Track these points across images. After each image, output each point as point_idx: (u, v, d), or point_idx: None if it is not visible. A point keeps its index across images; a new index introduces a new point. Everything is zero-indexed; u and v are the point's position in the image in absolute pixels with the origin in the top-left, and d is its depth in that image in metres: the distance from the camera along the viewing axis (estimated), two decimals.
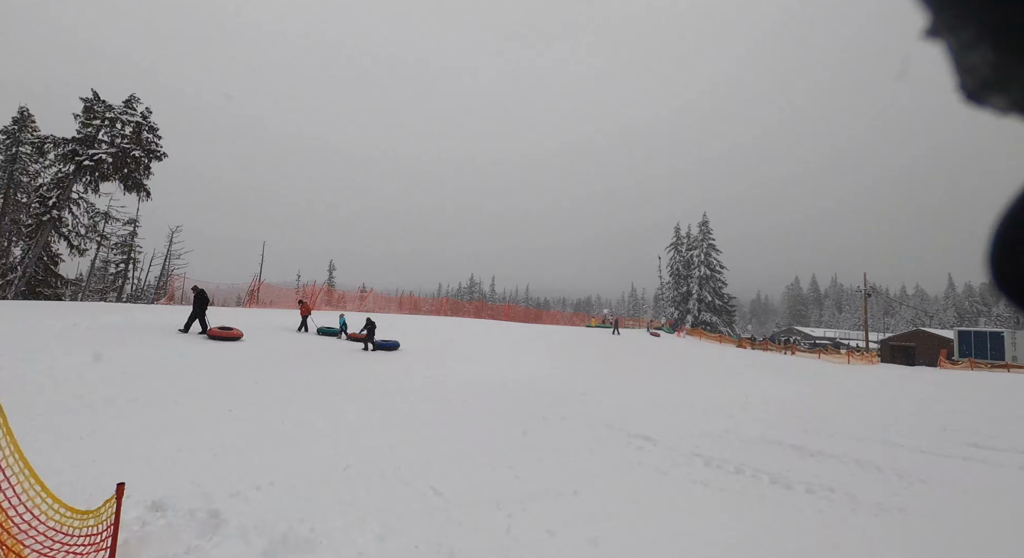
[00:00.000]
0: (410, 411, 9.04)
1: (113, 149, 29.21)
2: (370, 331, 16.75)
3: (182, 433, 6.60)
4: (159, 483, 4.64)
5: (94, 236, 33.21)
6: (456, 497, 4.96)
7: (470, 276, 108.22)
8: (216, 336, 14.85)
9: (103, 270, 43.92)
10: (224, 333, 14.96)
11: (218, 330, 15.02)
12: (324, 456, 6.08)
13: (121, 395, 8.41)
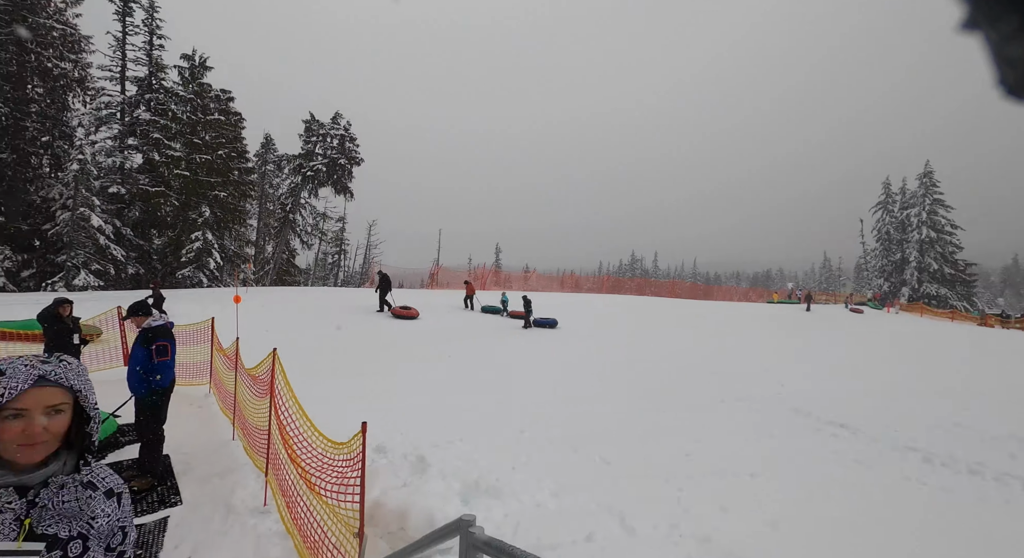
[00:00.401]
0: (572, 384, 9.40)
1: (326, 160, 35.31)
2: (527, 309, 17.52)
3: (386, 395, 7.96)
4: (378, 434, 5.72)
5: (316, 233, 40.75)
6: (624, 467, 5.12)
7: (631, 253, 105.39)
8: (398, 314, 17.16)
9: (323, 260, 53.62)
10: (404, 312, 17.20)
11: (400, 309, 17.32)
12: (501, 421, 6.76)
13: (335, 363, 10.42)
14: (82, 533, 1.08)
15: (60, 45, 27.06)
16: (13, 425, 0.99)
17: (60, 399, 1.04)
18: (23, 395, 1.00)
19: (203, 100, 31.20)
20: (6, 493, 1.01)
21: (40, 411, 1.02)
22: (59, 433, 1.05)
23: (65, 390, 1.05)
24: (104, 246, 25.32)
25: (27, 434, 1.00)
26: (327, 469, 3.05)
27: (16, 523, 1.02)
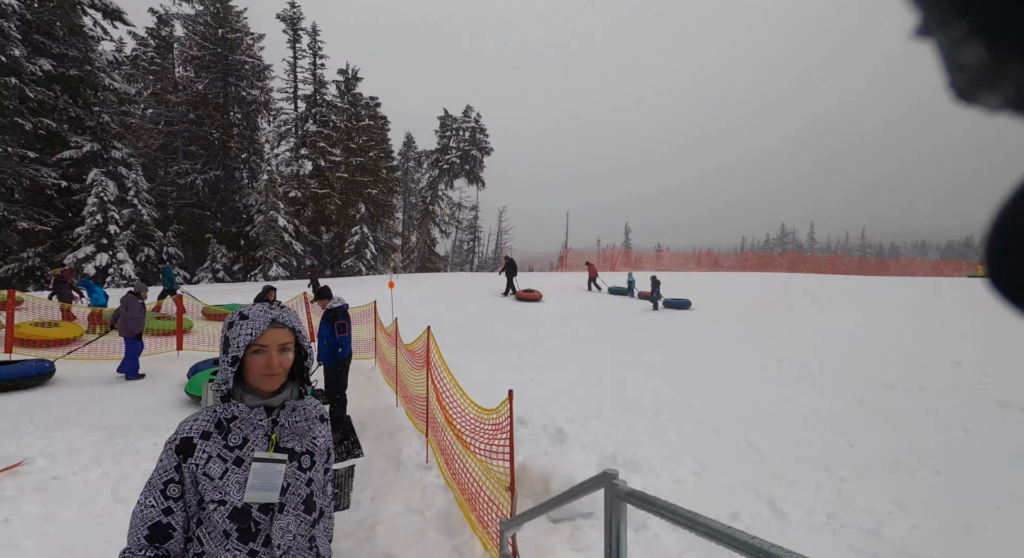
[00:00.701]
0: (711, 367, 8.92)
1: (459, 152, 37.51)
2: (655, 289, 16.79)
3: (522, 371, 8.39)
4: (517, 407, 6.13)
5: (453, 222, 43.64)
6: (773, 452, 4.81)
7: (779, 226, 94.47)
8: (522, 298, 17.67)
9: (460, 247, 57.25)
10: (528, 295, 17.66)
11: (523, 293, 17.82)
12: (636, 400, 6.75)
13: (472, 341, 11.18)
14: (309, 449, 1.31)
15: (251, 75, 32.48)
16: (258, 359, 1.22)
17: (288, 338, 1.26)
18: (263, 334, 1.22)
19: (356, 108, 35.06)
20: (259, 412, 1.25)
21: (275, 348, 1.23)
22: (288, 366, 1.27)
23: (290, 331, 1.27)
24: (288, 243, 30.16)
25: (268, 366, 1.22)
26: (479, 432, 3.42)
27: (265, 438, 1.25)
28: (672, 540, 2.98)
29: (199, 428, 1.23)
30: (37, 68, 24.41)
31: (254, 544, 1.20)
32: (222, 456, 1.21)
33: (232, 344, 1.21)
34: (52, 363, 7.40)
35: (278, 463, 1.23)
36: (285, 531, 1.24)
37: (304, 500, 1.28)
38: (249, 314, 1.23)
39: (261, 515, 1.22)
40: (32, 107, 24.65)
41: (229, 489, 1.19)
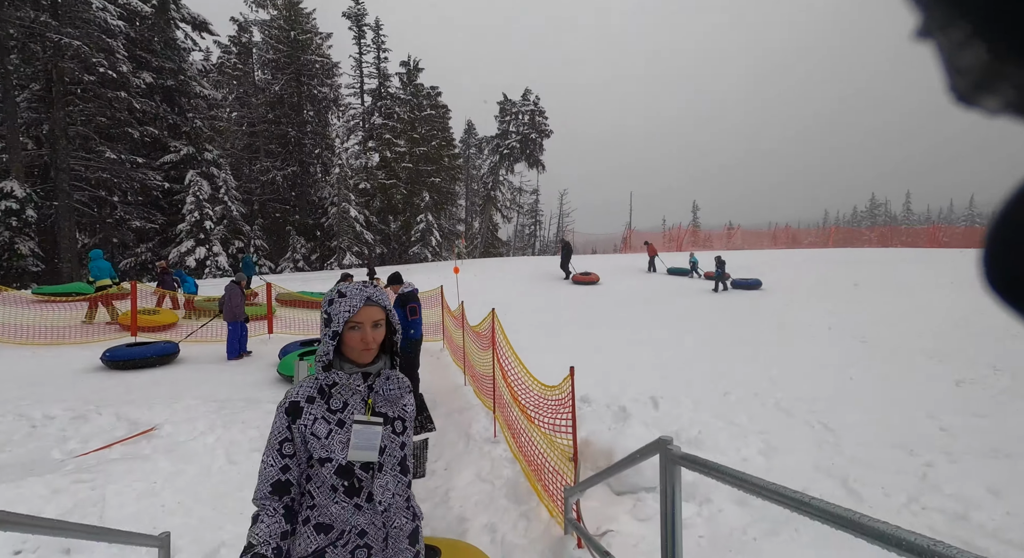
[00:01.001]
0: (784, 348, 8.52)
1: (519, 136, 37.48)
2: (719, 269, 15.76)
3: (583, 352, 8.46)
4: (580, 387, 6.24)
5: (514, 207, 43.88)
6: (850, 434, 4.62)
7: (870, 196, 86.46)
8: (579, 281, 17.48)
9: (522, 231, 57.49)
10: (584, 278, 17.45)
11: (580, 275, 17.61)
12: (703, 381, 6.64)
13: (533, 322, 11.34)
14: (401, 416, 1.44)
15: (321, 74, 34.16)
16: (354, 334, 1.34)
17: (380, 316, 1.36)
18: (360, 311, 1.33)
19: (418, 99, 35.93)
20: (357, 378, 1.37)
21: (369, 324, 1.34)
22: (380, 341, 1.38)
23: (381, 309, 1.37)
24: (359, 232, 31.76)
25: (363, 341, 1.34)
26: (543, 407, 3.59)
27: (362, 403, 1.38)
28: (736, 514, 3.01)
29: (304, 393, 1.35)
30: (141, 81, 27.13)
31: (358, 499, 1.34)
32: (326, 418, 1.34)
33: (333, 320, 1.33)
34: (177, 345, 8.48)
35: (375, 425, 1.36)
36: (385, 489, 1.37)
37: (399, 462, 1.41)
38: (347, 293, 1.34)
39: (363, 473, 1.34)
40: (138, 117, 27.50)
41: (334, 448, 1.32)
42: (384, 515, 1.36)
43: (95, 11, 24.76)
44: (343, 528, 1.33)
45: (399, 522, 1.40)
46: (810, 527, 2.60)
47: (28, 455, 4.66)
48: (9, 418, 5.36)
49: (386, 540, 1.36)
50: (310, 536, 1.32)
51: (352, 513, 1.33)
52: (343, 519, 1.33)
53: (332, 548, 1.32)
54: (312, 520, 1.33)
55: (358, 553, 1.33)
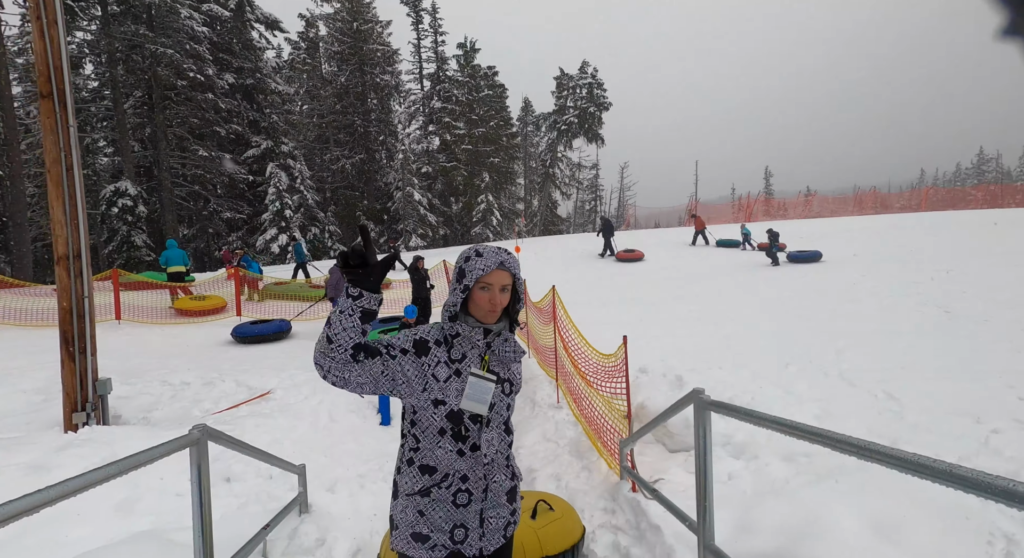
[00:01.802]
0: (850, 321, 8.25)
1: (576, 111, 36.94)
2: (773, 242, 15.00)
3: (639, 326, 8.67)
4: (639, 358, 6.52)
5: (573, 183, 43.52)
6: (916, 404, 4.62)
7: (977, 149, 77.05)
8: (623, 258, 17.33)
9: (582, 207, 56.90)
10: (628, 255, 17.30)
11: (624, 253, 17.46)
12: (762, 353, 6.70)
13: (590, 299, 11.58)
14: (511, 379, 1.49)
15: (382, 62, 35.30)
16: (483, 295, 1.37)
17: (508, 280, 1.40)
18: (491, 273, 1.36)
19: (475, 80, 36.24)
20: (478, 333, 1.41)
21: (498, 287, 1.38)
22: (505, 305, 1.42)
23: (511, 274, 1.40)
24: (423, 215, 33.00)
25: (491, 302, 1.37)
26: (600, 373, 3.97)
27: (479, 358, 1.43)
28: (781, 468, 3.26)
29: (434, 336, 1.42)
30: (224, 82, 29.44)
31: (463, 445, 1.40)
32: (447, 364, 1.40)
33: (467, 275, 1.38)
34: (289, 323, 9.73)
35: (489, 382, 1.41)
36: (490, 443, 1.43)
37: (504, 421, 1.48)
38: (484, 253, 1.39)
39: (471, 423, 1.40)
40: (223, 116, 29.97)
41: (450, 393, 1.38)
42: (486, 468, 1.42)
43: (183, 20, 26.99)
44: (446, 471, 1.40)
45: (499, 477, 1.46)
46: (848, 479, 2.81)
47: (175, 413, 5.70)
48: (156, 384, 6.50)
49: (486, 491, 1.43)
50: (415, 476, 1.41)
51: (455, 458, 1.40)
52: (447, 463, 1.39)
53: (436, 488, 1.40)
54: (416, 462, 1.42)
55: (459, 496, 1.40)
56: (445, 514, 1.39)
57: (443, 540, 1.39)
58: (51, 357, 7.72)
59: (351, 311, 1.28)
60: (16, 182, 20.77)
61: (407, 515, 1.41)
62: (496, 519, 1.44)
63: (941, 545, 2.14)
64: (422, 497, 1.40)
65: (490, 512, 1.43)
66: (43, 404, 5.82)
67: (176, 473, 3.40)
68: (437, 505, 1.39)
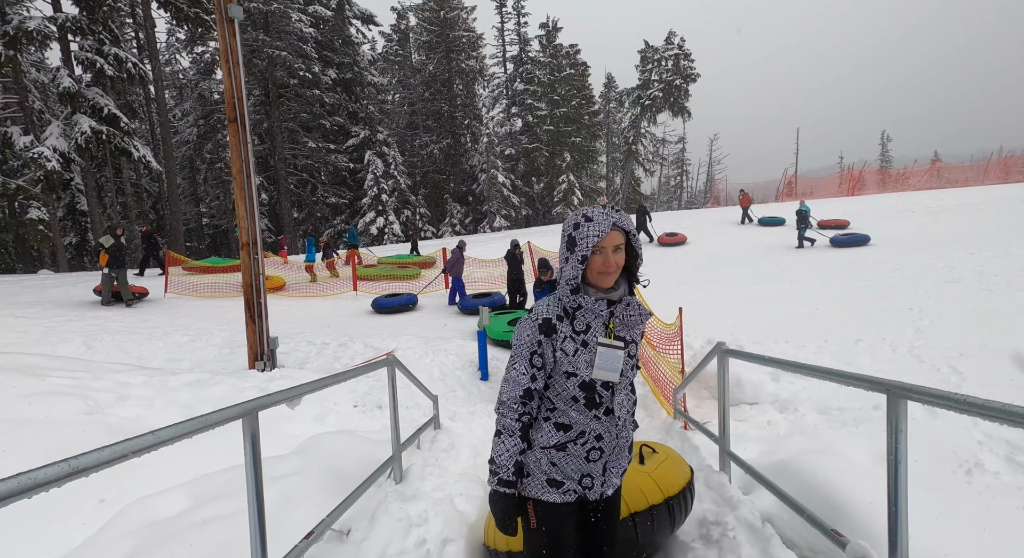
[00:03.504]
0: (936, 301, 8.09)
1: (661, 85, 35.86)
2: (802, 222, 14.78)
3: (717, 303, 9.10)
4: (709, 331, 7.10)
5: (657, 159, 42.45)
6: (977, 379, 4.89)
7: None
8: (665, 242, 17.03)
9: (667, 183, 55.18)
10: (671, 239, 16.99)
11: (665, 236, 17.16)
12: (832, 330, 7.00)
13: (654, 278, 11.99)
14: (635, 339, 1.49)
15: (467, 48, 36.53)
16: (597, 259, 1.36)
17: (622, 240, 1.37)
18: (605, 236, 1.34)
19: (557, 60, 36.38)
20: (601, 304, 1.40)
21: (611, 248, 1.36)
22: (621, 265, 1.39)
23: (623, 232, 1.37)
24: (507, 197, 34.22)
25: (606, 264, 1.35)
26: (663, 340, 4.76)
27: (604, 326, 1.42)
28: (814, 418, 3.88)
29: (555, 312, 1.43)
30: (328, 78, 32.31)
31: (597, 411, 1.43)
32: (572, 338, 1.41)
33: (580, 244, 1.36)
34: (416, 296, 11.38)
35: (617, 349, 1.41)
36: (621, 406, 1.46)
37: (630, 383, 1.51)
38: (593, 217, 1.35)
39: (603, 390, 1.43)
40: (328, 109, 32.99)
41: (580, 365, 1.40)
42: (619, 428, 1.47)
43: (294, 23, 29.90)
44: (582, 429, 1.44)
45: (626, 433, 1.51)
46: (869, 426, 3.41)
47: (323, 364, 7.28)
48: (304, 344, 8.18)
49: (616, 447, 1.48)
50: (551, 431, 1.46)
51: (590, 420, 1.44)
52: (582, 422, 1.44)
53: (572, 444, 1.44)
54: (552, 419, 1.46)
55: (592, 453, 1.46)
56: (577, 466, 1.46)
57: (573, 487, 1.47)
58: (225, 321, 9.85)
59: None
60: (171, 176, 24.76)
61: (541, 464, 1.47)
62: (617, 468, 1.52)
63: (925, 468, 2.75)
64: (557, 451, 1.45)
65: (612, 462, 1.50)
66: (230, 355, 7.67)
67: (344, 398, 4.76)
68: (571, 459, 1.45)
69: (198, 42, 31.58)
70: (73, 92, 18.98)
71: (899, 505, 1.54)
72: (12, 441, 2.66)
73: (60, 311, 9.77)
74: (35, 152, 17.88)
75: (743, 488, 2.68)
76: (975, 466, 2.72)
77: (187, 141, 34.45)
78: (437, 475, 3.08)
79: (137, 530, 2.11)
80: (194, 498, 2.43)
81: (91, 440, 2.89)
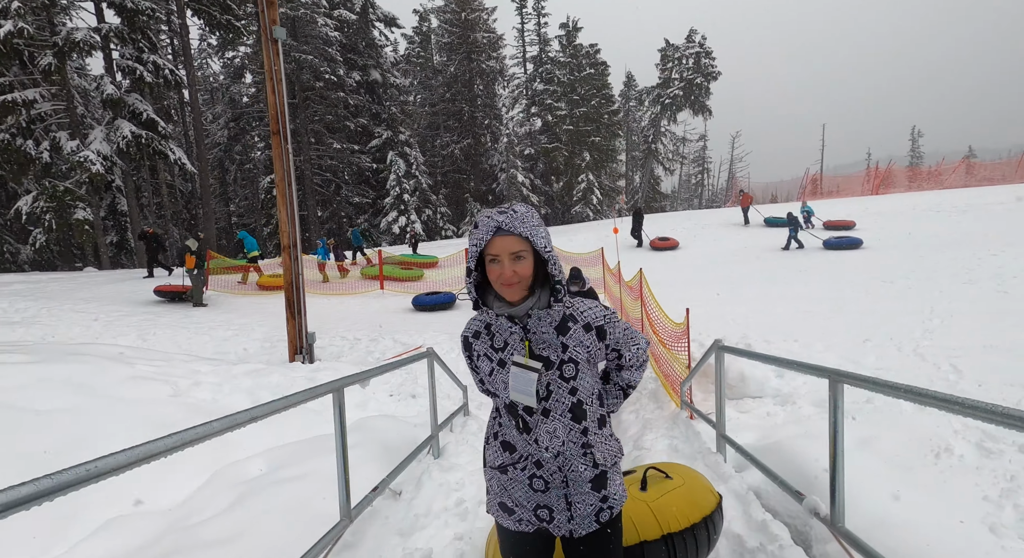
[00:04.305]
0: (952, 301, 8.25)
1: (682, 83, 35.80)
2: (793, 226, 14.88)
3: (727, 304, 9.39)
4: (720, 330, 7.43)
5: (677, 158, 42.32)
6: (980, 377, 5.12)
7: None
8: (657, 246, 17.15)
9: (687, 181, 54.85)
10: (663, 244, 17.10)
11: (657, 241, 17.26)
12: (843, 329, 7.26)
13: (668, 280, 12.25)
14: (573, 358, 1.28)
15: (488, 48, 37.00)
16: (493, 268, 1.20)
17: (519, 246, 1.18)
18: (491, 243, 1.18)
19: (577, 59, 36.58)
20: (507, 321, 1.28)
21: (507, 256, 1.18)
22: (525, 274, 1.20)
23: (519, 238, 1.18)
24: (526, 196, 34.62)
25: (501, 275, 1.19)
26: (672, 336, 5.15)
27: (522, 344, 1.28)
28: (810, 410, 4.24)
29: (472, 328, 1.36)
30: (352, 80, 33.13)
31: (528, 437, 1.30)
32: (488, 356, 1.32)
33: (468, 254, 1.25)
34: (454, 295, 11.80)
35: (531, 371, 1.26)
36: (552, 435, 1.28)
37: (571, 408, 1.29)
38: (479, 222, 1.22)
39: (527, 415, 1.29)
40: (352, 111, 33.83)
41: (498, 386, 1.31)
42: (559, 459, 1.30)
43: (319, 27, 30.76)
44: (522, 453, 1.33)
45: (576, 467, 1.31)
46: (861, 416, 3.76)
47: (356, 358, 7.84)
48: (337, 339, 8.76)
49: (565, 481, 1.31)
50: (497, 450, 1.37)
51: (526, 444, 1.32)
52: (521, 445, 1.33)
53: (512, 468, 1.34)
54: (500, 436, 1.38)
55: (535, 482, 1.31)
56: (524, 494, 1.34)
57: (528, 516, 1.34)
58: (262, 316, 10.52)
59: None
60: (204, 177, 25.85)
61: (493, 485, 1.40)
62: (582, 505, 1.32)
63: (897, 451, 3.11)
64: (501, 473, 1.36)
65: (576, 498, 1.32)
66: (271, 349, 8.29)
67: (381, 388, 5.27)
68: (515, 484, 1.34)
69: (228, 47, 32.73)
70: (115, 99, 20.07)
71: (837, 465, 1.94)
72: (121, 416, 3.21)
73: (114, 306, 10.57)
74: (81, 156, 18.99)
75: (736, 467, 3.08)
76: (944, 450, 3.06)
77: (218, 143, 35.71)
78: (469, 453, 3.55)
79: (233, 486, 2.63)
80: (270, 464, 2.94)
81: (179, 417, 3.44)
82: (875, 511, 2.22)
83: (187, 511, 2.43)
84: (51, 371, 3.47)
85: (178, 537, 2.08)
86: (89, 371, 3.62)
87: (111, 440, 2.63)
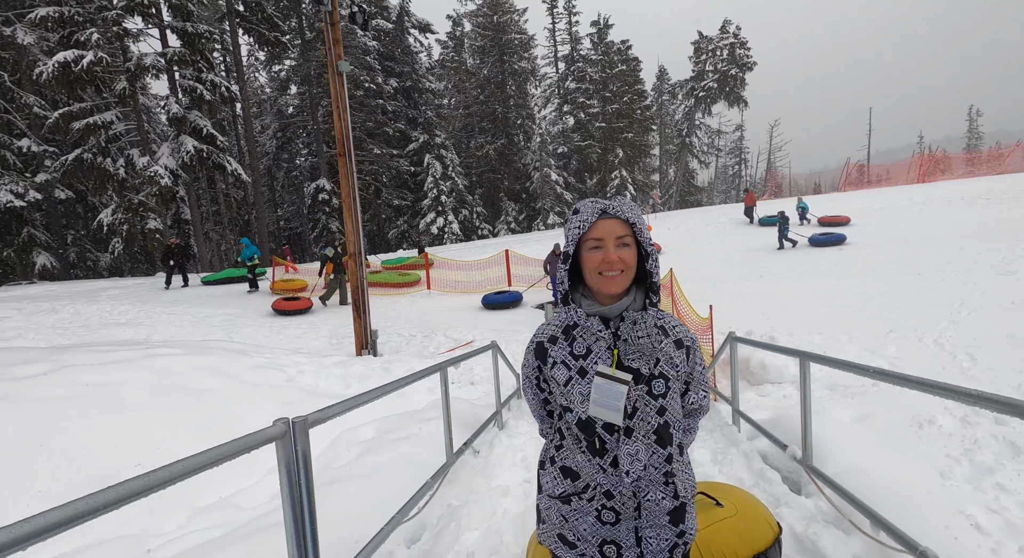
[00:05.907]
0: (978, 293, 8.42)
1: (716, 75, 35.47)
2: (781, 224, 14.91)
3: (736, 300, 9.82)
4: (739, 323, 7.93)
5: (712, 151, 41.86)
6: (989, 363, 5.53)
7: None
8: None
9: (724, 173, 53.90)
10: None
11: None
12: (862, 322, 7.65)
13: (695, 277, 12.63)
14: (664, 374, 1.13)
15: (519, 49, 37.66)
16: (594, 255, 1.10)
17: (625, 231, 1.10)
18: (594, 226, 1.10)
19: (609, 56, 36.77)
20: (598, 322, 1.13)
21: (612, 240, 1.09)
22: (630, 263, 1.10)
23: (623, 221, 1.10)
24: (559, 194, 35.18)
25: (606, 261, 1.08)
26: (698, 330, 5.78)
27: (608, 351, 1.13)
28: (821, 392, 4.81)
29: (549, 332, 1.21)
30: (390, 87, 34.49)
31: (601, 461, 1.14)
32: (567, 363, 1.17)
33: (567, 239, 1.15)
34: (521, 293, 12.41)
35: (620, 383, 1.11)
36: (634, 458, 1.13)
37: (656, 430, 1.14)
38: (580, 208, 1.13)
39: (606, 433, 1.13)
40: (390, 116, 35.22)
41: (573, 399, 1.15)
42: (635, 485, 1.13)
43: (359, 38, 32.19)
44: (588, 482, 1.16)
45: (654, 496, 1.14)
46: (864, 398, 4.32)
47: (414, 353, 8.75)
48: (395, 336, 9.71)
49: (638, 510, 1.15)
50: (557, 477, 1.21)
51: (596, 470, 1.15)
52: (588, 473, 1.16)
53: (577, 498, 1.17)
54: (559, 462, 1.21)
55: (605, 515, 1.15)
56: (590, 527, 1.17)
57: (592, 551, 1.18)
58: (325, 315, 11.63)
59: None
60: (256, 186, 27.65)
61: (551, 515, 1.24)
62: (656, 540, 1.16)
63: (888, 428, 3.69)
64: (563, 503, 1.20)
65: (648, 532, 1.16)
66: (337, 345, 9.32)
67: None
68: (579, 516, 1.18)
69: (275, 62, 34.62)
70: (180, 116, 21.91)
71: (807, 420, 2.64)
72: (254, 395, 4.16)
73: (197, 309, 11.93)
74: (152, 171, 20.88)
75: (748, 437, 3.74)
76: (927, 422, 3.61)
77: (267, 152, 37.82)
78: (526, 425, 4.33)
79: (354, 445, 3.50)
80: (376, 430, 3.81)
81: (296, 397, 4.37)
82: (850, 461, 2.87)
83: (326, 460, 3.31)
84: (200, 361, 4.46)
85: (332, 473, 2.94)
86: (225, 361, 4.60)
87: (252, 411, 3.59)
